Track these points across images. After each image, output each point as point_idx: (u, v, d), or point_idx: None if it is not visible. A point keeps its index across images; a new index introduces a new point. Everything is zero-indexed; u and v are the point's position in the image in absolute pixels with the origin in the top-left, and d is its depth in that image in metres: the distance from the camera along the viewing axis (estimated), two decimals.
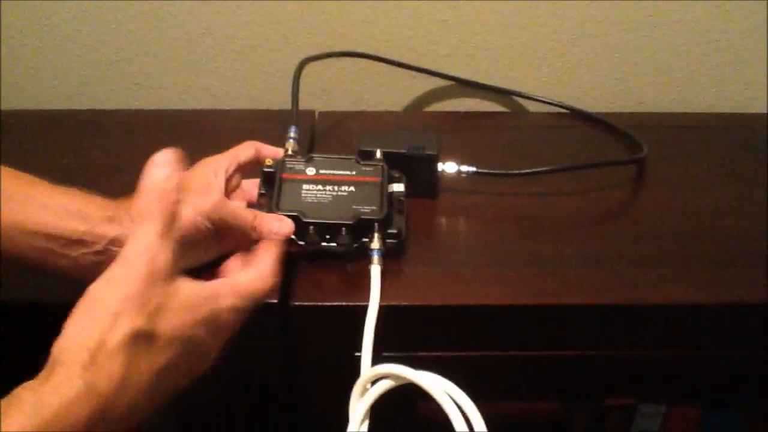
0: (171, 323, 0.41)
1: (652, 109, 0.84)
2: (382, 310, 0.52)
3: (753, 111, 0.83)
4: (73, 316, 0.39)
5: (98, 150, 0.72)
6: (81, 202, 0.50)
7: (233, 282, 0.47)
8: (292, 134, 0.61)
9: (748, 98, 0.83)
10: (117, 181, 0.67)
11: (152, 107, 0.82)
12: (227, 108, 0.82)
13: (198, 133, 0.75)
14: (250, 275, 0.48)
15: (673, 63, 0.81)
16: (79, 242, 0.48)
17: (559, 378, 0.58)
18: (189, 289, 0.43)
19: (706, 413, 0.71)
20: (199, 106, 0.82)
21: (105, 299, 0.40)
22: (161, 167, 0.44)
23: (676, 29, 0.79)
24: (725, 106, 0.83)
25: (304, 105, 0.80)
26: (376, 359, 0.50)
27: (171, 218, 0.43)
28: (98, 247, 0.49)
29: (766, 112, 0.83)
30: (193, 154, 0.57)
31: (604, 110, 0.82)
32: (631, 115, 0.81)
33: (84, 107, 0.82)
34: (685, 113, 0.83)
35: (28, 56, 0.79)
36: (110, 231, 0.49)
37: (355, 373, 0.49)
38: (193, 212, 0.51)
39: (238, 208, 0.53)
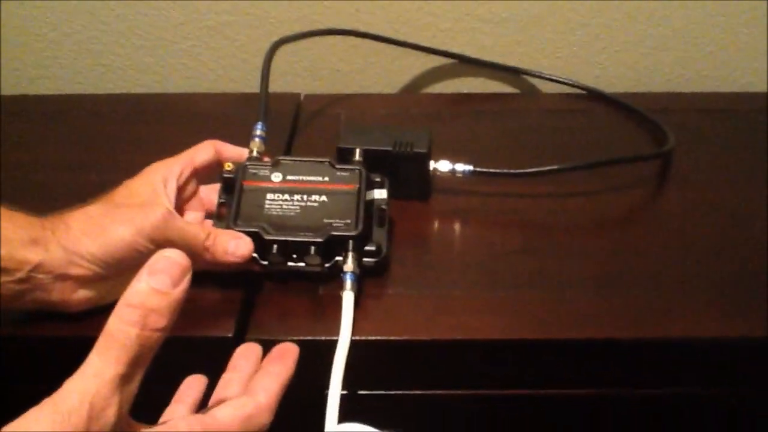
0: None
1: (678, 88, 0.74)
2: (356, 345, 0.44)
3: None
4: None
5: (58, 140, 0.65)
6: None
7: (208, 424, 0.35)
8: (258, 132, 0.53)
9: None
10: (77, 177, 0.61)
11: (119, 91, 0.74)
12: (202, 91, 0.74)
13: (169, 119, 0.68)
14: (236, 411, 0.36)
15: (703, 36, 0.71)
16: None
17: (562, 420, 0.50)
18: None
19: None
20: (171, 89, 0.74)
21: None
22: (157, 275, 0.32)
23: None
24: (762, 84, 0.74)
25: (289, 87, 0.73)
26: (351, 398, 0.43)
27: (143, 357, 0.31)
28: (20, 275, 0.42)
29: None
30: (163, 143, 0.51)
31: (624, 90, 0.73)
32: (655, 96, 0.72)
33: (42, 92, 0.74)
34: (716, 93, 0.73)
35: None
36: (34, 256, 0.42)
37: (324, 413, 0.42)
38: (131, 232, 0.43)
39: (186, 226, 0.46)
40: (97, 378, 0.30)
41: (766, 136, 0.64)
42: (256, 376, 0.40)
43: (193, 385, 0.42)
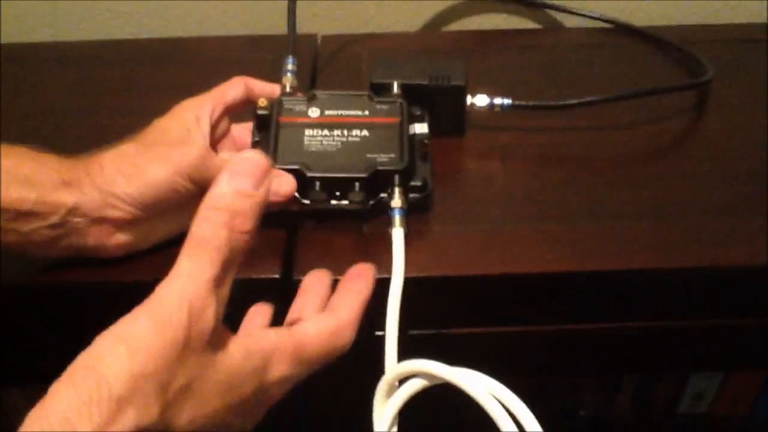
0: (195, 413, 0.29)
1: (705, 20, 0.72)
2: (408, 283, 0.42)
3: None
4: (61, 386, 0.27)
5: (65, 89, 0.62)
6: (29, 164, 0.40)
7: (296, 337, 0.35)
8: (289, 66, 0.50)
9: None
10: (87, 126, 0.58)
11: (127, 36, 0.71)
12: (214, 35, 0.71)
13: (181, 65, 0.65)
14: (321, 326, 0.36)
15: None
16: (30, 214, 0.39)
17: (613, 352, 0.49)
18: (231, 361, 0.31)
19: None
20: (181, 34, 0.71)
21: (111, 372, 0.27)
22: (239, 177, 0.32)
23: None
24: None
25: (304, 28, 0.69)
26: (402, 339, 0.41)
27: (233, 260, 0.31)
28: (54, 219, 0.40)
29: None
30: (175, 91, 0.48)
31: (650, 23, 0.71)
32: (682, 29, 0.69)
33: (47, 39, 0.70)
34: (745, 24, 0.71)
35: None
36: (68, 198, 0.40)
37: (377, 356, 0.40)
38: (170, 171, 0.41)
39: (225, 164, 0.43)
40: (193, 279, 0.29)
41: None
42: (336, 295, 0.39)
43: (258, 313, 0.41)
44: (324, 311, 0.38)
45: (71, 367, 0.28)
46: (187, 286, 0.29)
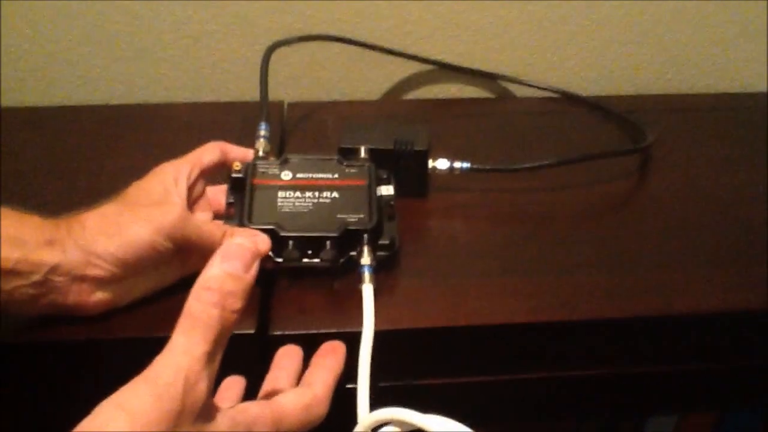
0: None
1: (646, 91, 0.78)
2: (378, 336, 0.44)
3: (754, 90, 0.78)
4: None
5: (38, 153, 0.63)
6: (12, 223, 0.41)
7: (276, 410, 0.37)
8: (262, 132, 0.53)
9: (748, 77, 0.78)
10: (60, 189, 0.59)
11: (98, 102, 0.73)
12: (183, 101, 0.73)
13: (152, 129, 0.67)
14: (298, 400, 0.39)
15: (669, 40, 0.75)
16: (12, 273, 0.40)
17: (573, 399, 0.52)
18: (219, 431, 0.33)
19: (723, 416, 0.66)
20: (151, 100, 0.73)
21: None
22: (231, 261, 0.34)
23: (671, 3, 0.73)
24: (725, 85, 0.78)
25: (271, 95, 0.73)
26: (373, 391, 0.43)
27: (223, 337, 0.33)
28: (36, 278, 0.41)
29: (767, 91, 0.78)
30: (146, 154, 0.50)
31: (595, 92, 0.76)
32: (625, 99, 0.75)
33: (17, 104, 0.72)
34: (682, 95, 0.77)
35: None
36: (50, 257, 0.41)
37: (349, 408, 0.42)
38: (150, 230, 0.43)
39: (203, 224, 0.45)
40: (187, 355, 0.32)
41: (729, 130, 0.69)
42: (310, 370, 0.41)
43: (231, 386, 0.43)
44: (300, 386, 0.40)
45: (79, 428, 0.30)
46: (183, 361, 0.32)
